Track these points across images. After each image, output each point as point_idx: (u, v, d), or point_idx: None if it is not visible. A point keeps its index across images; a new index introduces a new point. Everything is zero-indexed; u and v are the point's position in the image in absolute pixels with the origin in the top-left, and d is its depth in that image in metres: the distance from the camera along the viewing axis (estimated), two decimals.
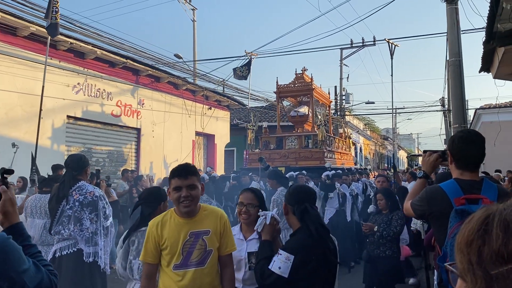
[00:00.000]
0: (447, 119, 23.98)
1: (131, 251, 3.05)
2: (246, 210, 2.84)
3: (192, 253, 2.43)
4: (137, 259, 2.99)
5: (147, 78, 12.18)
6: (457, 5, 9.02)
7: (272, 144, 11.72)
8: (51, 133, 9.12)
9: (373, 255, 4.93)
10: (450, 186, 2.34)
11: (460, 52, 9.11)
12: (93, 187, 4.17)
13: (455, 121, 9.23)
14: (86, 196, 3.98)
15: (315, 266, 2.42)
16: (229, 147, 17.77)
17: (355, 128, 27.52)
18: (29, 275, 1.44)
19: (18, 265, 1.41)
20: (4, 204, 1.64)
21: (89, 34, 10.46)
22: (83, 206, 3.95)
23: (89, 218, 3.96)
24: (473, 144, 2.36)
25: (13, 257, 1.40)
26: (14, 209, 1.67)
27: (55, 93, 9.04)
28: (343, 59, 24.14)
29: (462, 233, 0.88)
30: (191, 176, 2.48)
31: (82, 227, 3.93)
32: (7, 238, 1.43)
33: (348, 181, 8.77)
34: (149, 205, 3.18)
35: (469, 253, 0.84)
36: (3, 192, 1.65)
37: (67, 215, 3.93)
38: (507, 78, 9.91)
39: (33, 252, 1.62)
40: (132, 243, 3.06)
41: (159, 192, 3.37)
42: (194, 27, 19.01)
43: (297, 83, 12.18)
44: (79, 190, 4.00)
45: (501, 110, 14.67)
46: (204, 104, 14.73)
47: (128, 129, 11.78)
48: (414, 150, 60.90)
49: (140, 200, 3.29)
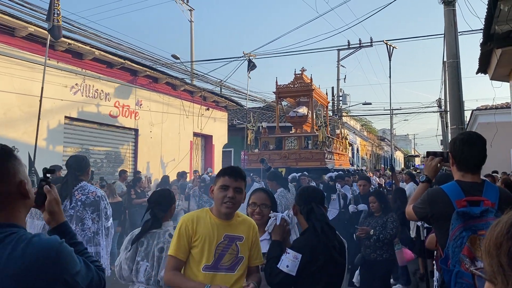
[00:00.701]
0: (443, 120, 24.08)
1: (139, 252, 3.03)
2: (260, 210, 2.83)
3: (223, 257, 2.36)
4: (145, 261, 3.00)
5: (145, 79, 12.17)
6: (454, 6, 9.06)
7: (272, 145, 11.72)
8: (49, 133, 9.09)
9: (369, 259, 4.84)
10: (452, 188, 2.36)
11: (458, 54, 9.16)
12: (95, 188, 4.24)
13: (452, 122, 9.28)
14: (88, 196, 4.02)
15: (322, 264, 2.47)
16: (227, 147, 17.77)
17: (352, 129, 27.57)
18: (81, 275, 1.47)
19: (71, 267, 1.43)
20: (50, 203, 1.65)
21: (87, 35, 10.44)
22: (86, 206, 3.99)
23: (91, 218, 4.00)
24: (474, 146, 2.37)
25: (67, 260, 1.42)
26: (59, 208, 1.69)
27: (53, 93, 9.02)
28: (340, 60, 24.22)
29: (490, 236, 0.90)
30: (241, 180, 2.43)
31: (84, 227, 3.97)
32: (60, 242, 1.44)
33: (350, 182, 8.83)
34: (161, 208, 3.18)
35: (499, 255, 0.86)
36: (48, 192, 1.66)
37: (68, 215, 3.94)
38: (504, 79, 9.96)
39: (80, 249, 1.64)
40: (141, 244, 3.05)
41: (170, 194, 3.39)
42: (192, 27, 19.02)
43: (296, 83, 12.18)
44: (81, 190, 4.04)
45: (498, 111, 14.74)
46: (202, 105, 14.73)
47: (126, 130, 11.76)
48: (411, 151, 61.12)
49: (151, 203, 3.27)
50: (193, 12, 18.98)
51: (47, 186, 1.68)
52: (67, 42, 9.21)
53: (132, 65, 11.30)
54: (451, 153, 2.43)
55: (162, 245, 2.99)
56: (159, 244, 3.00)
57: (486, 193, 2.31)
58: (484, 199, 2.24)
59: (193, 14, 18.97)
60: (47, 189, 1.66)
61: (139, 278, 3.00)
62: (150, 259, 2.99)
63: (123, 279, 3.10)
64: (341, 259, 2.57)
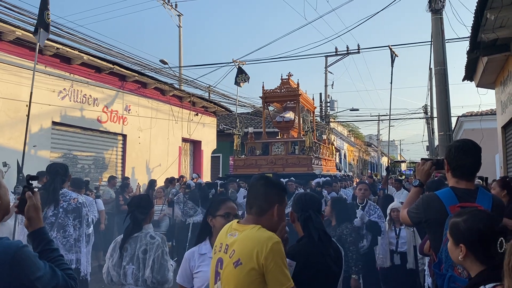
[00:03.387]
0: (429, 126, 24.40)
1: (124, 257, 3.17)
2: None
3: None
4: (130, 264, 3.14)
5: (134, 84, 12.10)
6: (442, 15, 9.23)
7: (258, 150, 11.68)
8: (36, 139, 8.96)
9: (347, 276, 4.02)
10: (446, 194, 2.39)
11: (445, 61, 9.31)
12: (76, 194, 4.22)
13: (440, 129, 9.42)
14: (70, 203, 4.01)
15: (315, 272, 2.46)
16: (215, 153, 17.74)
17: (339, 134, 27.75)
18: (43, 281, 1.49)
19: (31, 272, 1.46)
20: (28, 209, 1.71)
21: (76, 40, 10.36)
22: (67, 213, 3.97)
23: (72, 225, 3.99)
24: (469, 153, 2.42)
25: (26, 265, 1.45)
26: (38, 214, 1.74)
27: (41, 98, 8.91)
28: (328, 66, 24.40)
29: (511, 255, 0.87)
30: None
31: (66, 234, 3.95)
32: (21, 247, 1.47)
33: (337, 188, 8.78)
34: (141, 211, 3.29)
35: None
36: (29, 198, 1.71)
37: (49, 222, 3.90)
38: (490, 86, 10.16)
39: (54, 256, 1.67)
40: (125, 250, 3.18)
41: (149, 199, 3.61)
42: (180, 33, 19.02)
43: (283, 88, 12.19)
44: (63, 196, 4.03)
45: (483, 117, 14.97)
46: (191, 110, 14.69)
47: (114, 135, 11.66)
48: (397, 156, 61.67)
49: (131, 206, 3.37)
50: (181, 17, 19.00)
51: (29, 192, 1.73)
52: (55, 47, 9.12)
53: (120, 70, 11.23)
54: (447, 160, 2.47)
55: (145, 247, 3.14)
56: (142, 247, 3.15)
57: (480, 199, 2.35)
58: (477, 205, 2.28)
59: (181, 19, 18.99)
60: (28, 195, 1.71)
61: (127, 281, 3.15)
62: (135, 261, 3.14)
63: (113, 283, 3.24)
64: (336, 267, 2.57)
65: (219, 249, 2.13)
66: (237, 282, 1.96)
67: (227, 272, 2.01)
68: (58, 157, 9.79)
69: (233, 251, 2.01)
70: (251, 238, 2.01)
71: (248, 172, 10.34)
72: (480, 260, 1.56)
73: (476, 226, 1.56)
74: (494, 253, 1.47)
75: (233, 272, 1.97)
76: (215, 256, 2.17)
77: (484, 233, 1.53)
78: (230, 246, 2.05)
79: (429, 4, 9.26)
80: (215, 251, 2.19)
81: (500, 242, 1.45)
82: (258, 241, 1.96)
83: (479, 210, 1.62)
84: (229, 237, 2.10)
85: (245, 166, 11.01)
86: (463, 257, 1.62)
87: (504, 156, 9.52)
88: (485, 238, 1.53)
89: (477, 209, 1.62)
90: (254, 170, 10.65)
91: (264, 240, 1.96)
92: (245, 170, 10.73)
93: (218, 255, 2.12)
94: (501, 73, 8.90)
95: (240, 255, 1.97)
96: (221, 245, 2.13)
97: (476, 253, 1.58)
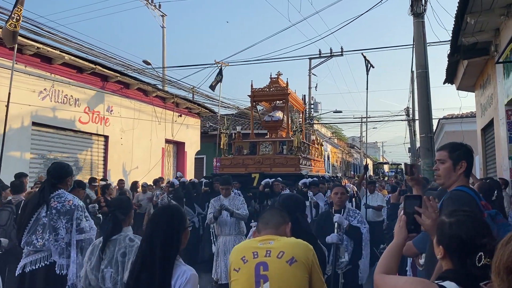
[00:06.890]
0: (411, 128, 24.70)
1: (102, 261, 3.09)
2: None
3: None
4: (109, 267, 3.07)
5: (116, 85, 11.96)
6: (423, 18, 9.35)
7: (245, 150, 11.62)
8: (16, 140, 8.78)
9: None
10: (472, 191, 2.44)
11: (427, 64, 9.43)
12: (72, 196, 4.00)
13: (421, 131, 9.53)
14: (64, 204, 3.80)
15: None
16: (199, 154, 17.65)
17: (323, 136, 27.91)
18: None
19: None
20: None
21: (57, 39, 10.19)
22: (60, 214, 3.77)
23: (65, 228, 3.77)
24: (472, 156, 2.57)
25: None
26: None
27: (20, 99, 8.74)
28: (311, 68, 24.50)
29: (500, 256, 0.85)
30: None
31: (58, 237, 3.73)
32: None
33: (324, 189, 8.69)
34: (121, 211, 3.25)
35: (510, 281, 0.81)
36: None
37: (42, 224, 3.73)
38: (470, 89, 10.34)
39: None
40: (104, 253, 3.11)
41: (129, 200, 3.55)
42: (164, 33, 18.86)
43: (272, 87, 12.13)
44: (58, 198, 3.83)
45: (464, 120, 15.23)
46: (174, 111, 14.59)
47: (96, 136, 11.51)
48: (379, 158, 62.33)
49: (111, 207, 3.34)
50: (165, 18, 18.84)
51: None
52: (35, 46, 8.95)
53: (103, 70, 11.09)
54: (466, 162, 2.48)
55: (124, 250, 3.08)
56: (121, 250, 3.08)
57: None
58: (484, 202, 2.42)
59: (165, 20, 18.84)
60: None
61: (106, 285, 3.06)
62: (114, 265, 3.07)
63: (91, 287, 3.13)
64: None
65: (253, 256, 2.23)
66: (293, 277, 2.14)
67: (278, 270, 2.15)
68: (38, 158, 9.61)
69: (282, 252, 2.18)
70: (296, 242, 2.26)
71: (234, 171, 10.27)
72: (454, 264, 1.57)
73: (458, 234, 1.56)
74: (469, 264, 1.47)
75: (288, 269, 2.14)
76: (249, 264, 2.23)
77: (465, 244, 1.53)
78: (274, 250, 2.20)
79: (411, 8, 9.39)
80: (245, 260, 2.26)
81: (479, 257, 1.44)
82: (306, 246, 2.25)
83: (468, 215, 1.62)
84: (263, 245, 2.26)
85: (232, 165, 10.93)
86: (441, 258, 1.65)
87: (484, 158, 9.68)
88: (464, 248, 1.53)
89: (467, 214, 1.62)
90: (240, 169, 10.60)
91: (308, 245, 2.27)
92: (232, 169, 10.66)
93: (255, 262, 2.21)
94: (481, 76, 9.06)
95: (294, 254, 2.17)
96: (255, 253, 2.23)
97: (452, 258, 1.59)
